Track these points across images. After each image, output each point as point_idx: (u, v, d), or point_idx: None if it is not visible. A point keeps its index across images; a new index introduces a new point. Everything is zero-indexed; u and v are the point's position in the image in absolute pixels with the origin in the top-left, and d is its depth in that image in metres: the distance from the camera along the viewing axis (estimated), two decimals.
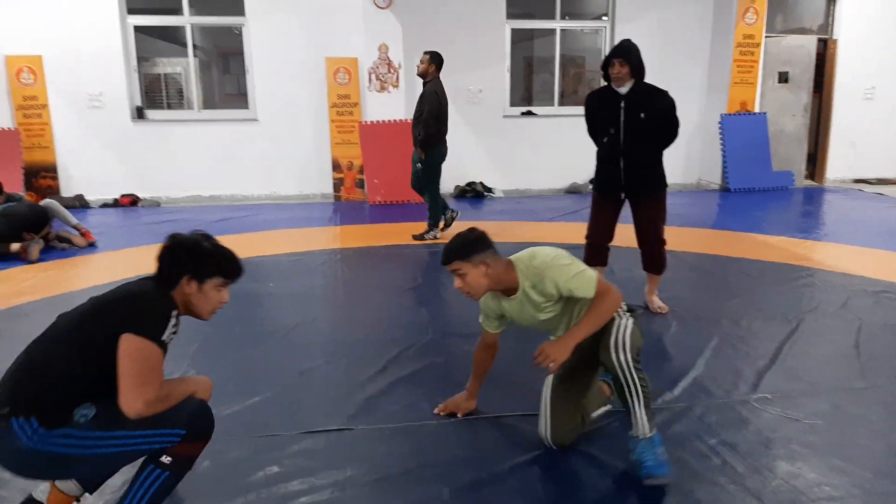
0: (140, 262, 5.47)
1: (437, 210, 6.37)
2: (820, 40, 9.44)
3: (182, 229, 2.15)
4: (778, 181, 8.96)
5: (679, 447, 2.55)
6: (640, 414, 2.31)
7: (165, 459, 1.92)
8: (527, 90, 10.22)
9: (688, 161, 9.64)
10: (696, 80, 9.38)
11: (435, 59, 6.18)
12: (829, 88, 9.70)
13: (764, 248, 5.76)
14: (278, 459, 2.51)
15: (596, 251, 4.16)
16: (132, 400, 1.82)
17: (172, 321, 1.94)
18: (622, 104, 3.83)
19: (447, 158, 6.50)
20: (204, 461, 2.50)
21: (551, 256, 2.46)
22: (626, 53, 3.79)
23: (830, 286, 4.61)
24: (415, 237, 6.30)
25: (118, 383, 1.84)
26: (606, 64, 3.85)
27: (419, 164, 6.22)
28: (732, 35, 8.84)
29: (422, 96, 6.12)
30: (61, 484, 2.11)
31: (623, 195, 4.01)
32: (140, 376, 1.84)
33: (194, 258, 2.06)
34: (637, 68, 3.82)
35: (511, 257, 2.53)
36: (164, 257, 2.06)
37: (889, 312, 4.08)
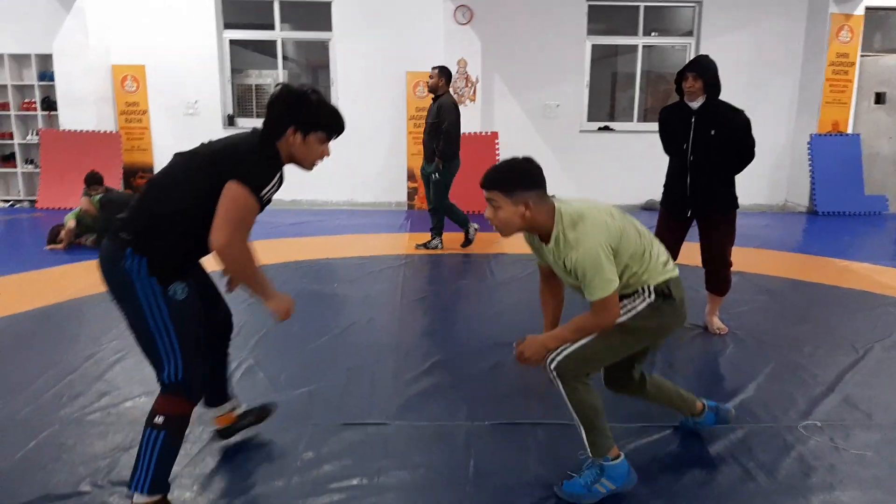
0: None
1: (442, 220, 6.36)
2: None
3: (261, 230, 2.27)
4: (870, 206, 8.48)
5: (714, 468, 2.51)
6: (580, 432, 2.25)
7: (158, 420, 2.10)
8: (611, 106, 10.14)
9: (774, 182, 9.27)
10: (785, 99, 9.02)
11: (444, 73, 6.17)
12: None
13: (844, 275, 5.49)
14: (316, 447, 2.64)
15: None
16: (220, 236, 1.98)
17: (276, 178, 2.11)
18: (693, 120, 3.78)
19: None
20: (248, 444, 2.67)
21: (591, 237, 2.12)
22: (700, 68, 3.74)
23: None
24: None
25: (213, 222, 1.99)
26: (680, 78, 3.82)
27: (435, 176, 6.12)
28: (825, 53, 8.47)
29: (439, 108, 6.05)
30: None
31: (689, 213, 3.93)
32: (233, 221, 2.00)
33: (299, 109, 2.15)
34: (711, 84, 3.75)
35: (559, 205, 2.23)
36: (272, 106, 2.18)
37: None
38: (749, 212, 9.01)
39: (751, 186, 9.28)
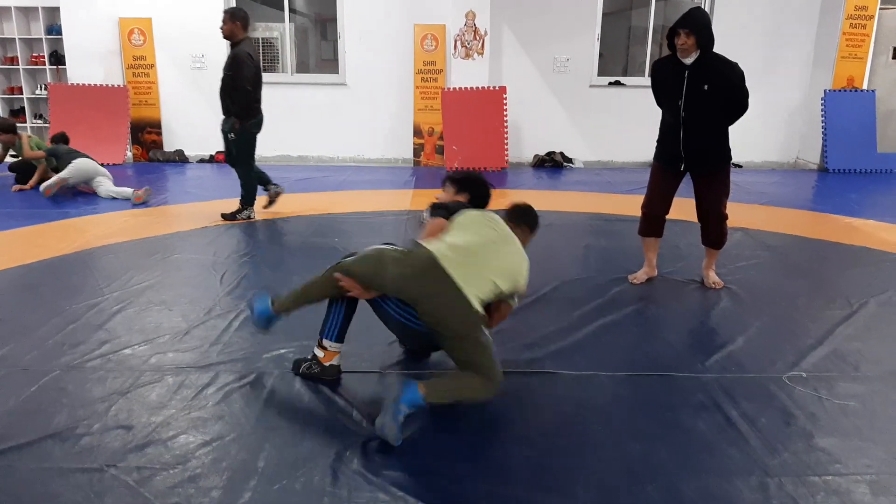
0: (221, 212, 5.87)
1: (251, 187, 5.67)
2: None
3: None
4: (883, 163, 8.35)
5: (696, 415, 2.55)
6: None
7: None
8: (626, 61, 9.97)
9: (787, 139, 9.16)
10: (801, 54, 8.83)
11: (238, 17, 5.32)
12: None
13: (848, 231, 5.45)
14: (310, 389, 2.71)
15: (651, 221, 4.10)
16: None
17: None
18: (686, 75, 3.72)
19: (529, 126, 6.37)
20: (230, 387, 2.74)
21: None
22: (693, 24, 3.64)
23: None
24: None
25: None
26: (671, 34, 3.74)
27: (231, 136, 5.44)
28: (843, 6, 8.24)
29: (232, 60, 5.27)
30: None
31: (683, 168, 3.91)
32: None
33: None
34: (704, 40, 3.68)
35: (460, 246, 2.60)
36: None
37: None
38: (760, 169, 8.93)
39: (763, 143, 9.19)
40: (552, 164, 8.90)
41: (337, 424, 2.48)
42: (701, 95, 3.69)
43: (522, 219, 2.97)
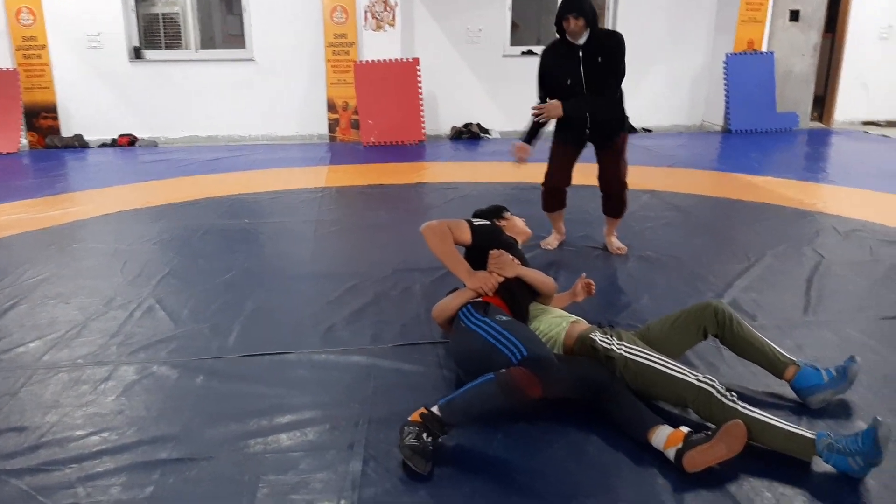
0: (125, 198, 5.61)
1: None
2: None
3: (174, 168, 2.23)
4: (781, 123, 8.74)
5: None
6: None
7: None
8: (538, 30, 10.01)
9: (693, 102, 9.44)
10: (704, 18, 9.08)
11: None
12: (843, 27, 9.34)
13: (748, 189, 5.70)
14: (214, 379, 2.63)
15: (555, 196, 4.17)
16: None
17: None
18: (580, 54, 3.75)
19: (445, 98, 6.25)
20: (145, 379, 2.64)
21: None
22: (578, 8, 3.63)
23: (802, 225, 4.58)
24: None
25: None
26: (560, 19, 3.73)
27: None
28: None
29: None
30: None
31: (587, 140, 3.96)
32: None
33: None
34: (591, 19, 3.69)
35: None
36: None
37: (853, 250, 4.05)
38: (668, 132, 9.19)
39: (670, 108, 9.46)
40: (469, 136, 8.90)
41: (243, 415, 2.41)
42: (597, 69, 3.73)
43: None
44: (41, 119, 8.43)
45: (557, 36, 3.83)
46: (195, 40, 8.80)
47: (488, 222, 2.83)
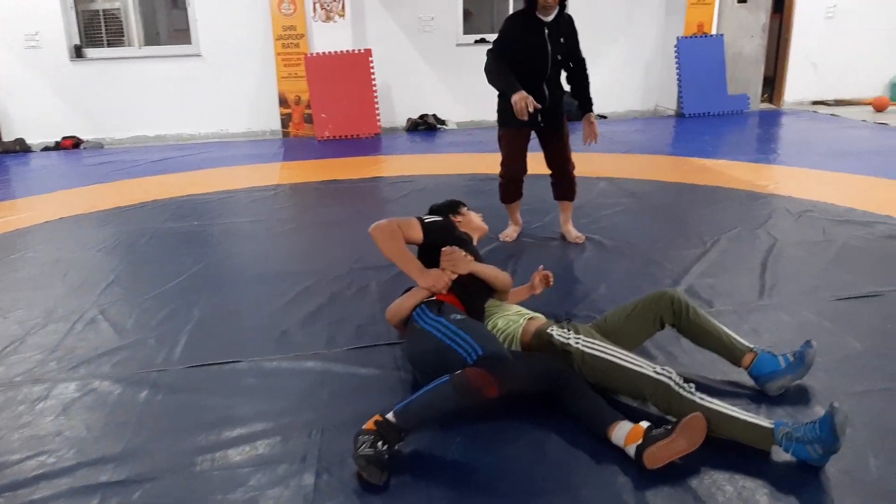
0: (68, 203, 5.39)
1: None
2: None
3: (120, 170, 2.11)
4: (733, 105, 8.85)
5: None
6: None
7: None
8: (491, 17, 9.93)
9: (646, 87, 9.50)
10: (654, 1, 9.13)
11: None
12: (790, 8, 9.49)
13: (702, 172, 5.73)
14: (160, 393, 2.52)
15: (514, 187, 4.11)
16: None
17: None
18: (546, 32, 3.68)
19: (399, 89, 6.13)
20: (86, 397, 2.51)
21: None
22: None
23: (755, 207, 4.62)
24: None
25: None
26: None
27: None
28: None
29: None
30: None
31: (540, 124, 3.90)
32: None
33: None
34: None
35: None
36: None
37: (806, 230, 4.10)
38: (623, 118, 9.23)
39: (625, 93, 9.49)
40: (426, 127, 8.80)
41: (189, 430, 2.30)
42: (559, 50, 3.68)
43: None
44: None
45: (527, 5, 3.67)
46: (138, 37, 8.51)
47: (441, 218, 2.75)
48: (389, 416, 2.04)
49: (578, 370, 2.27)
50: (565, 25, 3.71)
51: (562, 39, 3.69)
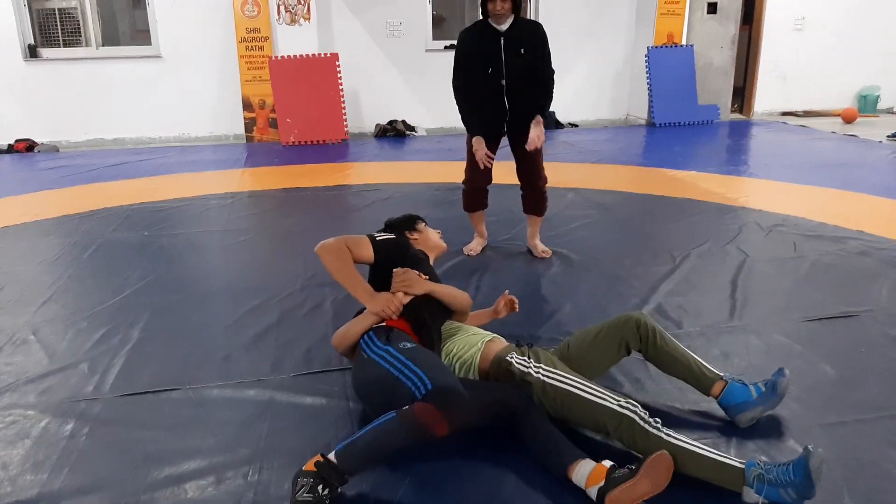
0: (11, 212, 5.13)
1: None
2: None
3: (73, 175, 1.90)
4: (703, 115, 8.83)
5: None
6: None
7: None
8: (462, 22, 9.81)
9: (616, 96, 9.45)
10: (623, 10, 9.08)
11: None
12: (759, 19, 9.52)
13: (671, 184, 5.64)
14: (88, 425, 2.30)
15: (477, 196, 3.96)
16: None
17: None
18: (502, 41, 3.54)
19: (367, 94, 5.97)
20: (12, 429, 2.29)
21: None
22: None
23: (726, 221, 4.52)
24: None
25: None
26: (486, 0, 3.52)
27: None
28: None
29: None
30: None
31: (504, 134, 3.76)
32: None
33: None
34: (517, 4, 3.52)
35: None
36: None
37: (776, 246, 4.00)
38: (593, 127, 9.15)
39: (595, 102, 9.43)
40: (395, 133, 8.63)
41: (113, 470, 2.10)
42: (518, 60, 3.54)
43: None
44: None
45: (481, 17, 3.59)
46: (95, 36, 8.21)
47: (393, 236, 2.58)
48: (331, 456, 1.87)
49: (539, 401, 2.11)
50: (527, 34, 3.57)
51: (522, 50, 3.55)
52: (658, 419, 1.97)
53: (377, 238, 2.47)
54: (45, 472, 2.07)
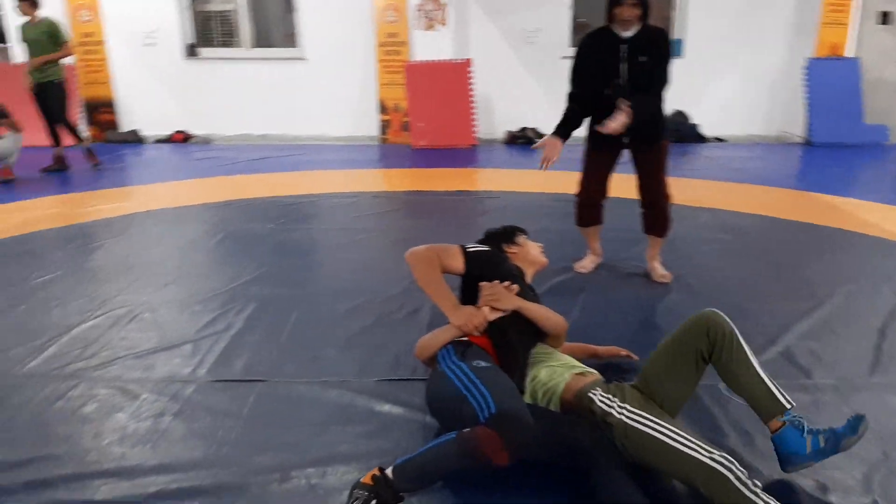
0: (160, 196, 5.52)
1: None
2: None
3: (221, 166, 2.03)
4: (869, 136, 7.93)
5: None
6: None
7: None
8: None
9: (770, 111, 8.72)
10: (780, 20, 8.35)
11: None
12: None
13: (826, 212, 5.05)
14: (175, 402, 2.37)
15: (590, 210, 3.73)
16: None
17: None
18: (625, 48, 3.31)
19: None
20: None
21: None
22: None
23: (883, 258, 3.97)
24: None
25: None
26: (614, 4, 3.30)
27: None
28: None
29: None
30: None
31: (625, 145, 3.52)
32: None
33: None
34: (646, 11, 3.28)
35: None
36: None
37: None
38: (742, 143, 8.51)
39: (744, 115, 8.76)
40: (525, 141, 8.49)
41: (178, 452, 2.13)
42: (639, 67, 3.29)
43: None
44: (101, 114, 8.56)
45: (607, 22, 3.37)
46: (248, 38, 8.74)
47: (487, 248, 2.45)
48: (388, 471, 1.77)
49: (621, 445, 1.90)
50: (651, 41, 3.31)
51: (645, 58, 3.29)
52: (758, 482, 1.70)
53: (469, 249, 2.36)
54: (128, 447, 2.14)
